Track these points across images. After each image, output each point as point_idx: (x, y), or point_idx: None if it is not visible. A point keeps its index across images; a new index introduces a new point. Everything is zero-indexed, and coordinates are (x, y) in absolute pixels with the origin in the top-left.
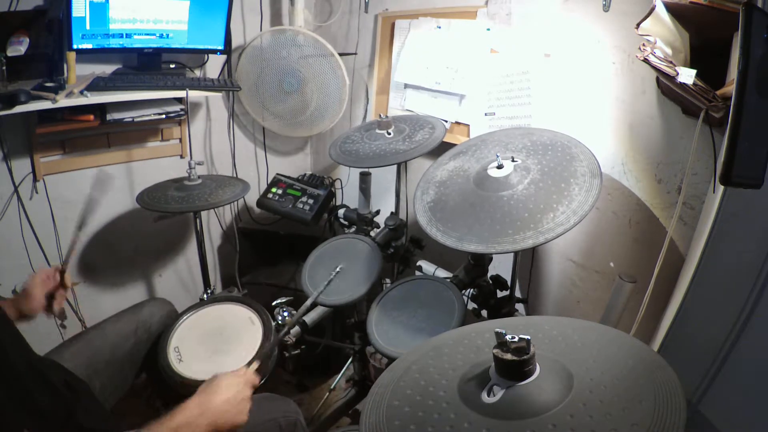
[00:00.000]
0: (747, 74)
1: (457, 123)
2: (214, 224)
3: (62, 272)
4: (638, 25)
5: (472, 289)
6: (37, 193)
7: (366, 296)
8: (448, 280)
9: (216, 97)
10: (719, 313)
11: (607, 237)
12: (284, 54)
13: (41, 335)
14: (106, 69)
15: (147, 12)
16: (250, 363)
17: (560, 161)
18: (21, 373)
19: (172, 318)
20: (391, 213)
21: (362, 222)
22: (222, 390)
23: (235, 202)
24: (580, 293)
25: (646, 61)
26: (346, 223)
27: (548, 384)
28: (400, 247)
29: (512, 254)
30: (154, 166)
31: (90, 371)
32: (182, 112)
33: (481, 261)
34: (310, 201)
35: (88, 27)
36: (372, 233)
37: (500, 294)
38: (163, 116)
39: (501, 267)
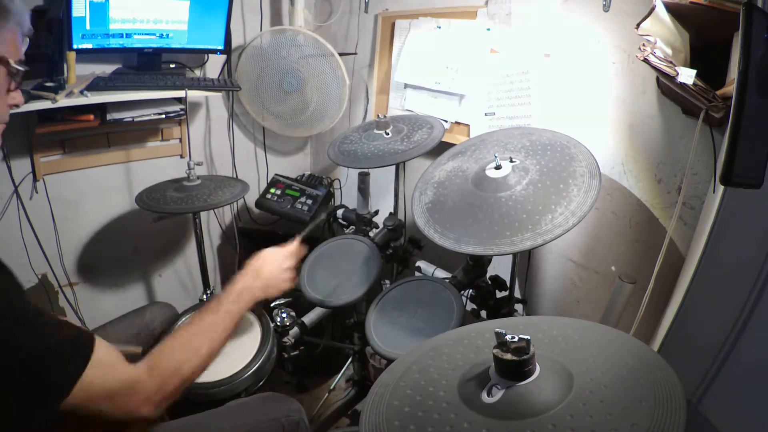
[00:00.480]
0: (747, 74)
1: (457, 123)
2: (213, 224)
3: None
4: (638, 25)
5: (471, 290)
6: (37, 193)
7: (365, 297)
8: (447, 280)
9: (216, 97)
10: (719, 313)
11: (607, 237)
12: (284, 54)
13: None
14: (106, 69)
15: (147, 12)
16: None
17: (559, 161)
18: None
19: (174, 320)
20: (390, 213)
21: (361, 222)
22: (269, 260)
23: (235, 202)
24: (580, 293)
25: (646, 61)
26: (345, 223)
27: (548, 384)
28: (399, 248)
29: (511, 255)
30: (153, 166)
31: None
32: (182, 112)
33: (480, 261)
34: (309, 201)
35: (88, 27)
36: (371, 234)
37: (499, 294)
38: (163, 116)
39: (500, 267)
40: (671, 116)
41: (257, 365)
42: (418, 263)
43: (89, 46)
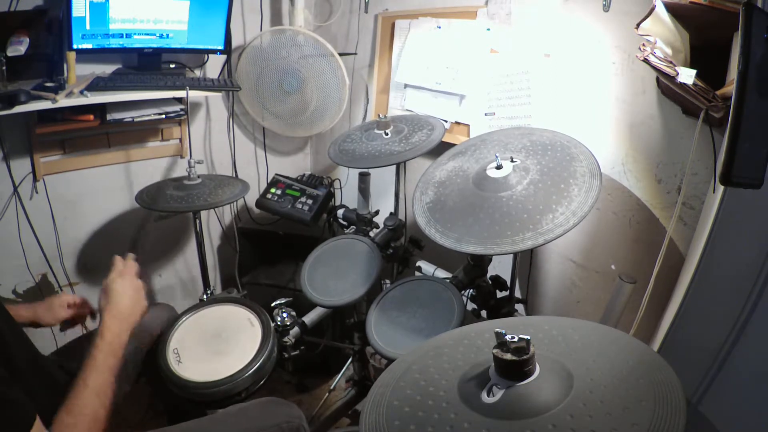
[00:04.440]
0: (747, 74)
1: (457, 123)
2: (213, 224)
3: (93, 311)
4: (638, 25)
5: (471, 290)
6: (37, 193)
7: (365, 297)
8: (448, 280)
9: (216, 97)
10: (719, 313)
11: (607, 237)
12: (284, 54)
13: (43, 335)
14: (106, 69)
15: (147, 12)
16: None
17: (560, 161)
18: (24, 371)
19: (173, 321)
20: (391, 213)
21: (361, 222)
22: (119, 295)
23: (235, 202)
24: (580, 293)
25: (646, 61)
26: (345, 223)
27: (548, 384)
28: (400, 248)
29: (512, 255)
30: (154, 165)
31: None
32: (182, 112)
33: (481, 261)
34: (309, 201)
35: (88, 27)
36: (371, 234)
37: (500, 294)
38: (163, 116)
39: (501, 267)
40: (671, 116)
41: (257, 365)
42: (419, 263)
43: (89, 46)
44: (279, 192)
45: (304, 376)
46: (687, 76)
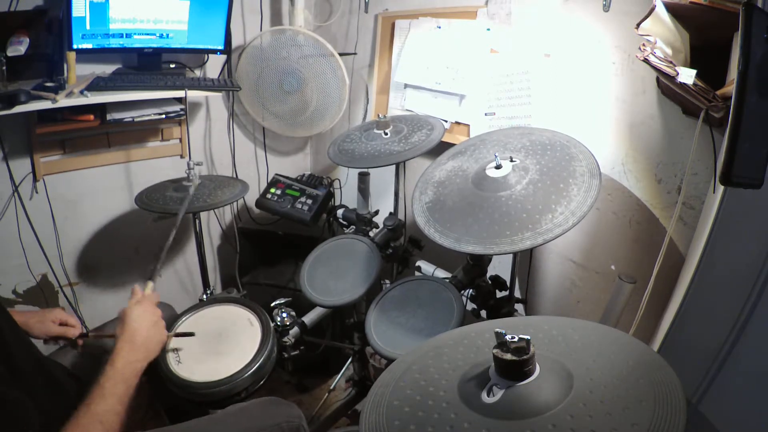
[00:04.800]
0: (747, 74)
1: (457, 123)
2: (213, 224)
3: (77, 338)
4: (638, 25)
5: (471, 290)
6: (37, 193)
7: (365, 297)
8: (447, 280)
9: (216, 97)
10: (719, 313)
11: (607, 237)
12: (284, 54)
13: None
14: (106, 69)
15: (147, 12)
16: (149, 280)
17: (559, 161)
18: (27, 373)
19: (173, 321)
20: (390, 213)
21: (361, 222)
22: (137, 323)
23: (235, 202)
24: (580, 293)
25: (646, 61)
26: (345, 223)
27: (548, 384)
28: (399, 248)
29: (511, 254)
30: (153, 166)
31: (92, 373)
32: (182, 112)
33: (480, 261)
34: (309, 201)
35: (88, 27)
36: (371, 233)
37: (499, 294)
38: (163, 116)
39: (500, 267)
40: (671, 116)
41: (257, 365)
42: (418, 263)
43: (89, 46)
44: (279, 192)
45: (304, 376)
46: (687, 76)
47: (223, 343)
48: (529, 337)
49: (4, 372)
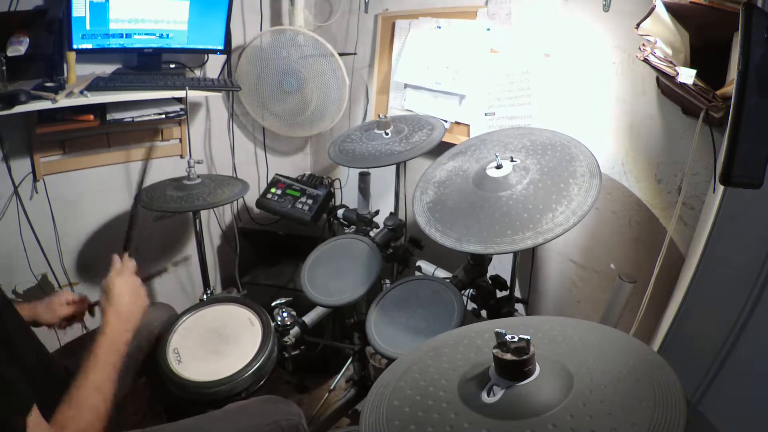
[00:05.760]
0: (747, 74)
1: (457, 123)
2: (213, 225)
3: (91, 306)
4: (638, 25)
5: (471, 290)
6: (37, 193)
7: (365, 296)
8: (448, 280)
9: (216, 97)
10: (719, 313)
11: (607, 237)
12: (284, 54)
13: (45, 335)
14: (106, 69)
15: (147, 12)
16: (124, 250)
17: (559, 161)
18: (30, 367)
19: (173, 321)
20: (391, 213)
21: (361, 222)
22: (120, 292)
23: (235, 202)
24: (580, 293)
25: (646, 61)
26: (345, 223)
27: (548, 384)
28: (400, 248)
29: (512, 254)
30: (154, 166)
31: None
32: (182, 112)
33: (481, 261)
34: (309, 201)
35: (88, 27)
36: (371, 233)
37: (500, 294)
38: (163, 116)
39: (501, 267)
40: (671, 116)
41: (258, 364)
42: (419, 263)
43: (89, 46)
44: (279, 192)
45: (304, 376)
46: (687, 76)
47: (224, 343)
48: (529, 337)
49: (2, 354)
